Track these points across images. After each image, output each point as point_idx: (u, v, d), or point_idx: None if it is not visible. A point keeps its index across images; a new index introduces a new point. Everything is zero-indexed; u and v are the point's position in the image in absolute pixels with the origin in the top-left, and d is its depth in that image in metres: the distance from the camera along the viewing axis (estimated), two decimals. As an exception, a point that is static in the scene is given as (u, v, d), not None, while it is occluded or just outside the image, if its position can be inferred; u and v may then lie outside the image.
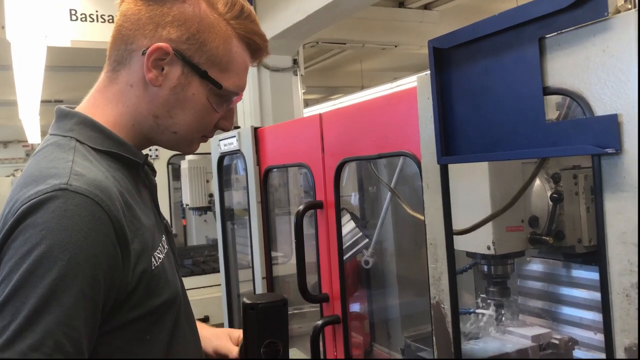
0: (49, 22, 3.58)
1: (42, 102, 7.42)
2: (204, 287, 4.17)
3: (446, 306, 1.22)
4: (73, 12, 3.57)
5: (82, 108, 1.13)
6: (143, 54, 1.07)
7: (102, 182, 0.96)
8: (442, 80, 1.18)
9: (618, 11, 0.90)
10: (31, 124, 9.66)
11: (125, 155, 1.10)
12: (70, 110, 1.12)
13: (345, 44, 8.51)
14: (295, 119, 1.96)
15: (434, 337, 1.26)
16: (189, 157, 4.58)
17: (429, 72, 1.20)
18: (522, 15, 1.00)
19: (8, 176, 13.62)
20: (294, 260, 2.63)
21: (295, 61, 6.29)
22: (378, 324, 2.48)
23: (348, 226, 2.15)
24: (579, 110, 0.97)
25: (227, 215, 2.82)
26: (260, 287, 2.29)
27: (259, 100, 6.01)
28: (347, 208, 2.20)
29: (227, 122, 1.19)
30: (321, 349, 1.89)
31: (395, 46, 7.72)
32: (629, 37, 0.85)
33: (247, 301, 1.21)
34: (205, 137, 1.20)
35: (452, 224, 1.22)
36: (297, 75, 6.31)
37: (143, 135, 1.14)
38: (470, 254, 1.59)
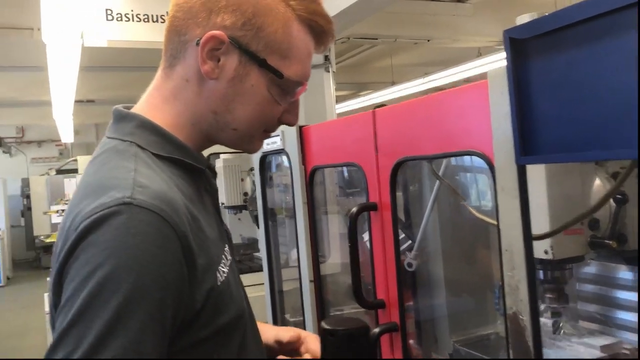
0: (85, 23, 3.56)
1: (75, 102, 7.52)
2: (249, 285, 4.11)
3: (525, 318, 1.13)
4: (109, 12, 3.55)
5: (139, 108, 1.06)
6: (197, 44, 0.98)
7: (168, 194, 0.89)
8: (518, 74, 1.09)
9: None
10: (65, 123, 9.82)
11: (188, 162, 1.03)
12: (128, 112, 1.05)
13: (377, 39, 8.44)
14: (345, 117, 1.88)
15: (510, 351, 1.17)
16: (224, 155, 4.55)
17: (498, 64, 1.12)
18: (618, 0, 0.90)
19: (42, 175, 13.81)
20: (332, 260, 2.57)
21: (326, 58, 6.23)
22: (424, 328, 2.40)
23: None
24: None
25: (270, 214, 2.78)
26: (307, 291, 2.23)
27: (290, 98, 5.98)
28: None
29: (291, 116, 1.09)
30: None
31: (428, 40, 7.62)
32: None
33: (326, 326, 1.10)
34: (266, 133, 1.11)
35: (531, 229, 1.13)
36: (329, 72, 6.26)
37: (203, 135, 1.06)
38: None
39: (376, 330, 1.65)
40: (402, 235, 2.09)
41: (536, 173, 1.36)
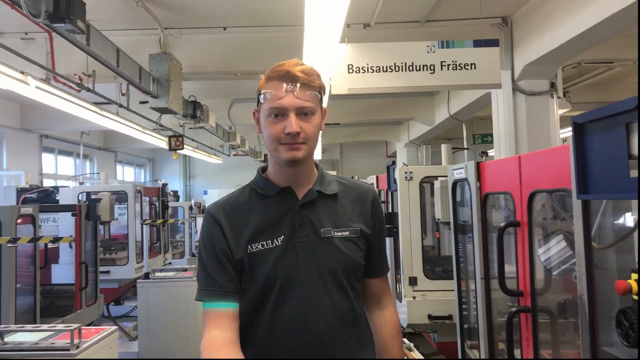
0: (333, 73, 4.65)
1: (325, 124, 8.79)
2: (449, 290, 4.79)
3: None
4: (350, 66, 4.59)
5: None
6: None
7: (219, 203, 1.77)
8: (582, 142, 1.71)
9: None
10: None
11: (259, 191, 1.77)
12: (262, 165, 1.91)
13: (612, 62, 8.25)
14: (502, 158, 2.50)
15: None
16: (440, 178, 5.23)
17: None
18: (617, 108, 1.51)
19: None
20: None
21: (552, 84, 6.47)
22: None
23: (559, 245, 2.61)
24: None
25: (460, 229, 3.45)
26: (479, 286, 2.90)
27: (513, 125, 6.34)
28: (562, 229, 2.64)
29: (287, 128, 1.65)
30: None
31: (677, 58, 7.27)
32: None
33: None
34: (282, 144, 1.68)
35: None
36: (553, 97, 6.49)
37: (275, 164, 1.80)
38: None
39: (513, 309, 2.29)
40: (569, 253, 2.62)
41: None
